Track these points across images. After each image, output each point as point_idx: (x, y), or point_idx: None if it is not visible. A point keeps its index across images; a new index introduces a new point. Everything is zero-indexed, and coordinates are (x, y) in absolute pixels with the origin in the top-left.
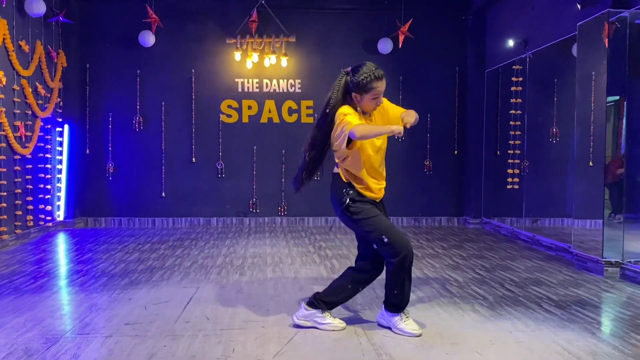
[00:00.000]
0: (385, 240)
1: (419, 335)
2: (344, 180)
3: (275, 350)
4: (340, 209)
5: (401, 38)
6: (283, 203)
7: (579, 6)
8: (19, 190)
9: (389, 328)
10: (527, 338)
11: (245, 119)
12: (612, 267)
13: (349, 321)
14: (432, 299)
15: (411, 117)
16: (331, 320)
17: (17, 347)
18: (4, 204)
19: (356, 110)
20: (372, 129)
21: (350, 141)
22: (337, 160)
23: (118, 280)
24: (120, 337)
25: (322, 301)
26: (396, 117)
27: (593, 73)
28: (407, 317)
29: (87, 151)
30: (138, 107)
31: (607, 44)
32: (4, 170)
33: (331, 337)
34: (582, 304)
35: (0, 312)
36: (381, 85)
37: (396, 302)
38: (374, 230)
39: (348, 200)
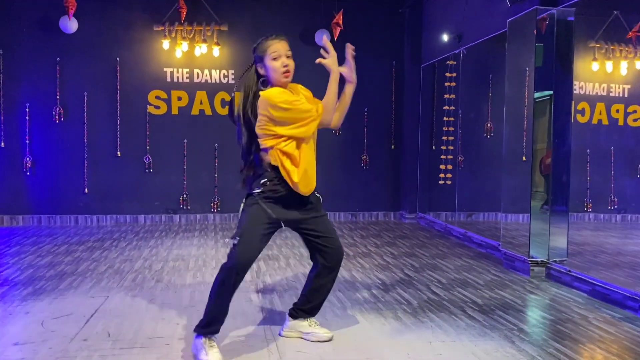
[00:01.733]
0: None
1: None
2: None
3: None
4: None
5: (336, 31)
6: (216, 199)
7: (508, 3)
8: None
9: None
10: (445, 349)
11: (174, 111)
12: (537, 266)
13: (264, 334)
14: (355, 305)
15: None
16: (317, 330)
17: None
18: None
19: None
20: (333, 90)
21: None
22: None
23: (20, 290)
24: None
25: (301, 310)
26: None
27: (527, 69)
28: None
29: (2, 144)
30: (58, 97)
31: (535, 41)
32: None
33: (238, 351)
34: (505, 308)
35: None
36: (277, 44)
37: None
38: None
39: None
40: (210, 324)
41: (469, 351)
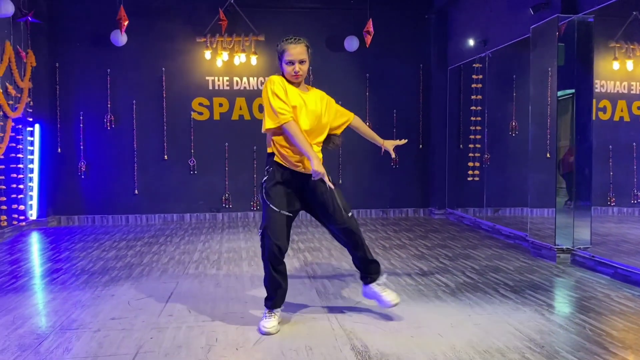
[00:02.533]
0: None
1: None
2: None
3: (256, 338)
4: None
5: (367, 38)
6: (255, 198)
7: (531, 11)
8: None
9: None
10: (483, 320)
11: (216, 116)
12: (563, 253)
13: (323, 309)
14: (398, 288)
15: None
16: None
17: (11, 344)
18: None
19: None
20: (303, 143)
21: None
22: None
23: (99, 278)
24: (108, 331)
25: (364, 276)
26: (337, 115)
27: (550, 69)
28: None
29: (59, 150)
30: (109, 105)
31: (556, 44)
32: None
33: (306, 324)
34: (534, 288)
35: None
36: (293, 49)
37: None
38: None
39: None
40: (268, 299)
41: (504, 321)
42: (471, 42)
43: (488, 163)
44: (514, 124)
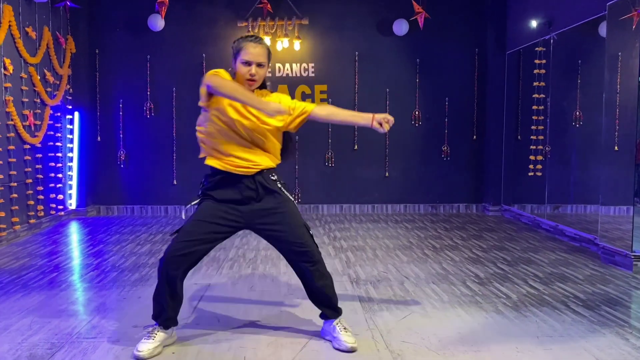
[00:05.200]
0: None
1: None
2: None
3: (289, 358)
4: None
5: (420, 20)
6: (297, 190)
7: None
8: (30, 180)
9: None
10: (555, 345)
11: None
12: None
13: (366, 324)
14: (452, 298)
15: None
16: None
17: (21, 354)
18: (15, 195)
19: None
20: (235, 88)
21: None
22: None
23: (128, 276)
24: (127, 342)
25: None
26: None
27: (620, 54)
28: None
29: (98, 138)
30: (149, 93)
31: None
32: (14, 160)
33: None
34: (611, 304)
35: (7, 313)
36: (252, 48)
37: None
38: None
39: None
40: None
41: (581, 347)
42: (533, 24)
43: (549, 156)
44: (577, 113)
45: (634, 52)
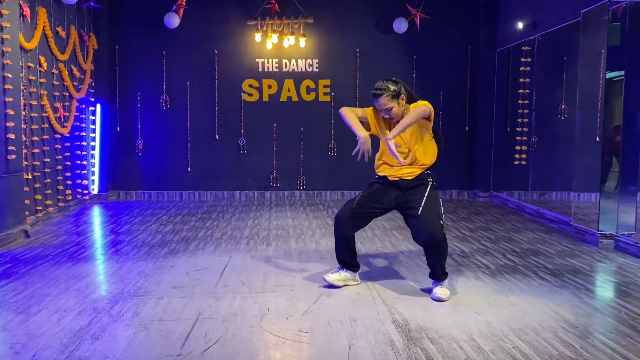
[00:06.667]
0: None
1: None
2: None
3: (304, 309)
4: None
5: (417, 19)
6: (302, 178)
7: None
8: (60, 167)
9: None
10: (521, 301)
11: (265, 98)
12: (606, 239)
13: (367, 285)
14: None
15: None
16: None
17: (87, 306)
18: (49, 180)
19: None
20: (350, 118)
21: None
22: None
23: (159, 250)
24: (170, 299)
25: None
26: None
27: (603, 51)
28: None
29: (118, 129)
30: (164, 86)
31: (607, 28)
32: (47, 149)
33: (351, 298)
34: (574, 273)
35: (64, 277)
36: (377, 103)
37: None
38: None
39: None
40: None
41: (541, 303)
42: (520, 25)
43: (535, 146)
44: (563, 107)
45: (604, 51)
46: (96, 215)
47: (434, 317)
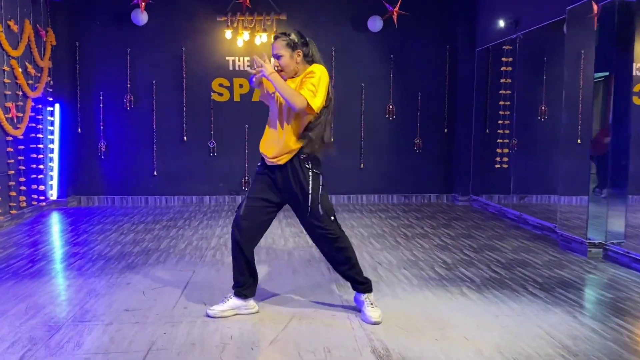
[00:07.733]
0: None
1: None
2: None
3: (272, 337)
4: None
5: (395, 17)
6: None
7: None
8: (12, 172)
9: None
10: (512, 322)
11: (237, 98)
12: (595, 248)
13: (343, 306)
14: (421, 282)
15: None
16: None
17: (22, 336)
18: None
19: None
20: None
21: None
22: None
23: (115, 264)
24: (120, 325)
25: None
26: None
27: (582, 51)
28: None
29: (79, 130)
30: (129, 85)
31: (595, 27)
32: None
33: (325, 322)
34: (565, 286)
35: (2, 299)
36: (272, 46)
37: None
38: None
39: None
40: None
41: (534, 324)
42: (501, 23)
43: (515, 149)
44: (543, 108)
45: (591, 50)
46: (53, 223)
47: (418, 344)
